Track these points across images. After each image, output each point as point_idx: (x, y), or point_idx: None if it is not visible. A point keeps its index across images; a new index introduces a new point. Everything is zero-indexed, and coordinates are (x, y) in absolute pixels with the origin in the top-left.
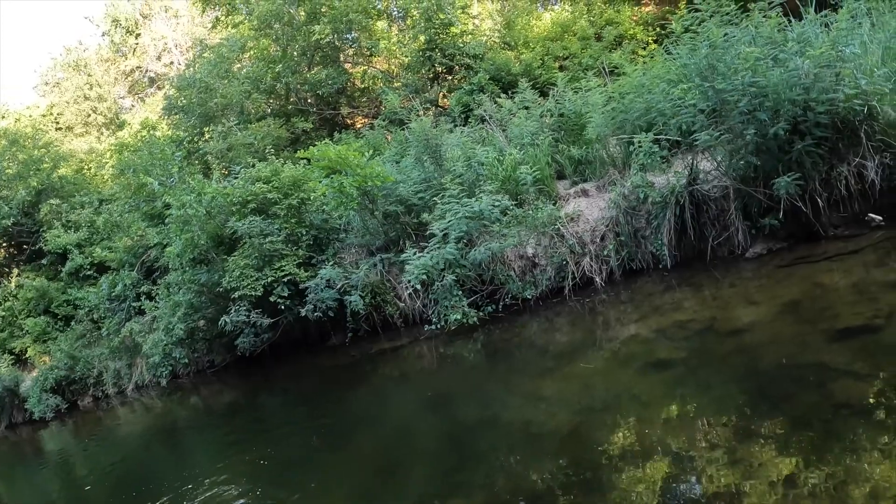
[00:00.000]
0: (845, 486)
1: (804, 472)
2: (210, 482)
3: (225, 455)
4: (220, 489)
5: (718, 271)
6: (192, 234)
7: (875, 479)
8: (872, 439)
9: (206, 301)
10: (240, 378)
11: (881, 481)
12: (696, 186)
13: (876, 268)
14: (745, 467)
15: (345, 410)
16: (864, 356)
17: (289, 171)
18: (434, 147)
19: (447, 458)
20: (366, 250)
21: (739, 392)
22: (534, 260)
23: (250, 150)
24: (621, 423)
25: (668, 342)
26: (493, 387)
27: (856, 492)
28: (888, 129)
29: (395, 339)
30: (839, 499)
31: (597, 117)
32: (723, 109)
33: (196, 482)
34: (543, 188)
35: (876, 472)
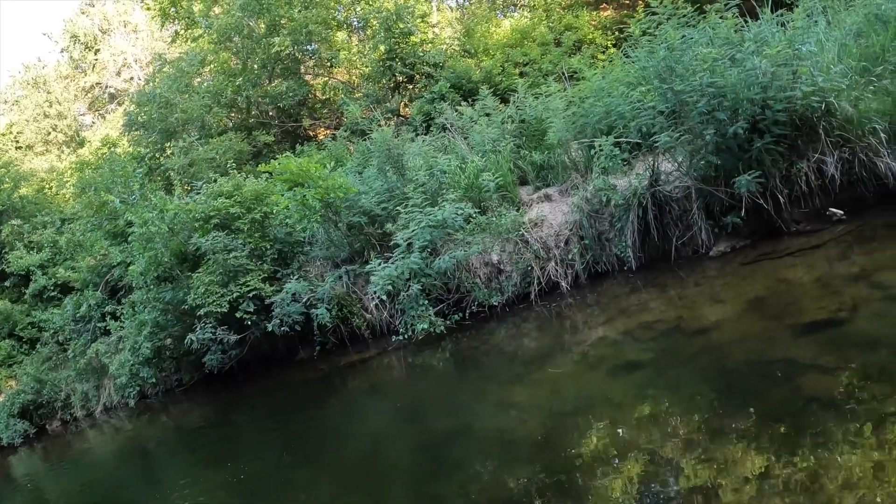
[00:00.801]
0: (818, 478)
1: (777, 467)
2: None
3: (197, 475)
4: None
5: (683, 271)
6: (156, 251)
7: (847, 470)
8: (843, 431)
9: (171, 319)
10: (209, 396)
11: (854, 472)
12: (657, 188)
13: (839, 262)
14: (719, 464)
15: (316, 425)
16: (830, 349)
17: (251, 186)
18: (396, 157)
19: (421, 469)
20: (331, 263)
21: (709, 390)
22: (499, 266)
23: (212, 165)
24: (593, 426)
25: (636, 343)
26: (464, 395)
27: (829, 484)
28: (846, 124)
29: (363, 350)
30: (813, 491)
31: (557, 122)
32: (682, 110)
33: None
34: (506, 194)
35: (848, 464)
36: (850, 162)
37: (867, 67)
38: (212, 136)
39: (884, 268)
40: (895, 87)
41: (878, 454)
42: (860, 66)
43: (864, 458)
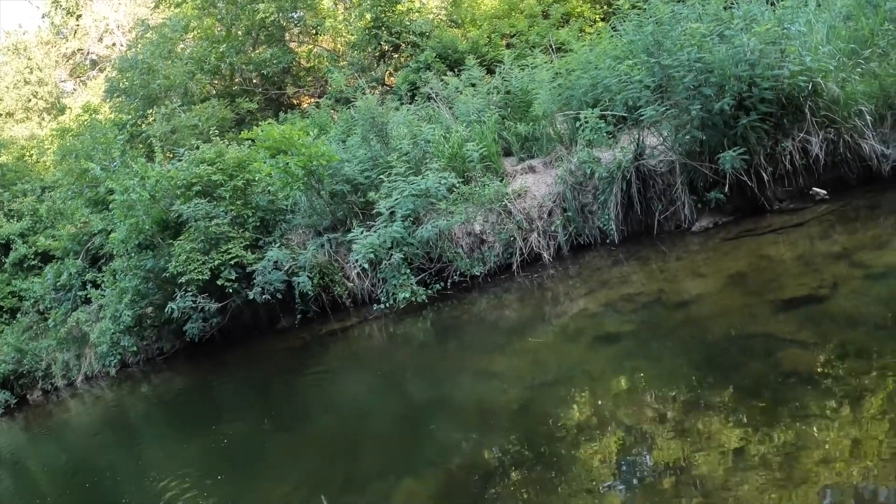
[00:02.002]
0: (796, 453)
1: (755, 441)
2: (163, 471)
3: (178, 442)
4: (173, 478)
5: (665, 245)
6: (137, 219)
7: (824, 446)
8: (820, 406)
9: (152, 287)
10: (190, 364)
11: (831, 448)
12: (642, 161)
13: (820, 240)
14: (697, 437)
15: (297, 393)
16: (810, 325)
17: (233, 153)
18: (380, 125)
19: (401, 438)
20: (313, 231)
21: (689, 363)
22: (481, 237)
23: (194, 132)
24: (573, 398)
25: (617, 315)
26: (444, 364)
27: (806, 459)
28: (832, 105)
29: (344, 319)
30: (789, 466)
31: (543, 94)
32: (668, 85)
33: (149, 472)
34: (490, 165)
35: (825, 439)
36: (835, 143)
37: (855, 50)
38: (194, 103)
39: (865, 247)
40: (883, 71)
41: (854, 431)
42: (848, 48)
43: (840, 434)
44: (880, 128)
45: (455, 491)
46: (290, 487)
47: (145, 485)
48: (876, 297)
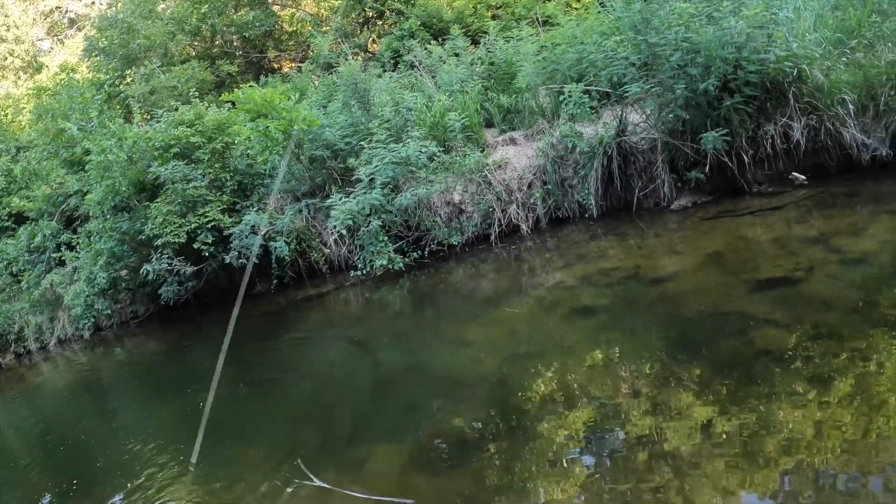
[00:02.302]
0: (763, 434)
1: (724, 420)
2: (137, 435)
3: (152, 406)
4: (147, 441)
5: (644, 222)
6: (113, 180)
7: (791, 428)
8: (791, 387)
9: (128, 250)
10: (164, 329)
11: (796, 431)
12: (624, 138)
13: (797, 224)
14: (667, 413)
15: (271, 358)
16: (784, 307)
17: (213, 115)
18: (362, 92)
19: (375, 404)
20: (291, 196)
21: (662, 338)
22: (460, 206)
23: (174, 94)
24: (547, 370)
25: (593, 289)
26: (420, 332)
27: (772, 441)
28: (816, 92)
29: (320, 285)
30: (756, 447)
31: (528, 66)
32: (654, 63)
33: (123, 435)
34: (471, 135)
35: (792, 421)
36: (817, 129)
37: (842, 39)
38: (174, 64)
39: (841, 233)
40: (868, 62)
41: (820, 414)
42: (835, 37)
43: (806, 417)
44: (862, 118)
45: (428, 458)
46: (265, 451)
47: (119, 448)
48: (850, 281)
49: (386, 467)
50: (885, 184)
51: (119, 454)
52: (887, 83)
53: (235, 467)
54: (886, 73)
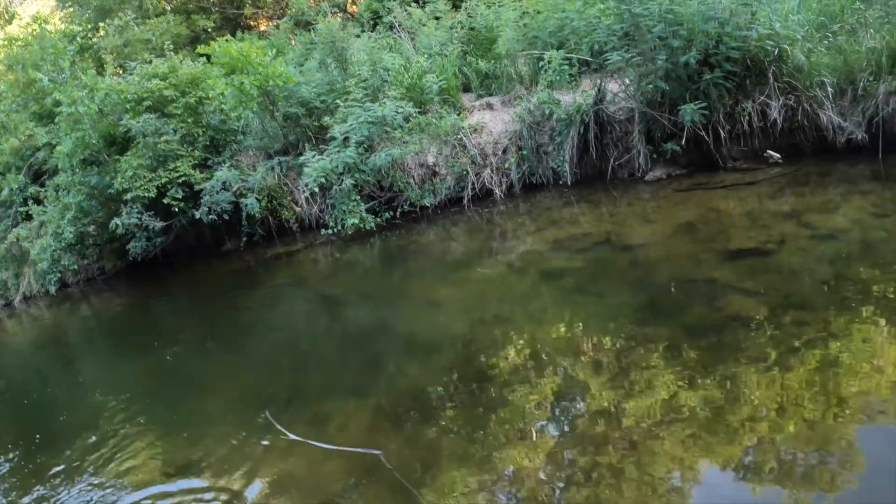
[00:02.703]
0: (727, 407)
1: (689, 389)
2: (103, 389)
3: (118, 362)
4: (114, 395)
5: (617, 191)
6: (84, 132)
7: (754, 402)
8: (757, 355)
9: (96, 204)
10: (131, 285)
11: (759, 405)
12: (602, 107)
13: (770, 199)
14: (635, 378)
15: (239, 315)
16: (754, 276)
17: (187, 69)
18: (340, 50)
19: (341, 361)
20: (264, 153)
21: (633, 302)
22: (434, 168)
23: (148, 47)
24: (515, 332)
25: (565, 253)
26: (389, 292)
27: (734, 416)
28: (796, 73)
29: (290, 243)
30: (720, 417)
31: (508, 32)
32: (637, 33)
33: (89, 390)
34: (448, 98)
35: (756, 393)
36: (794, 110)
37: (825, 23)
38: (149, 17)
39: (813, 210)
40: (849, 47)
41: (784, 387)
42: (818, 20)
43: (770, 389)
44: (840, 101)
45: (394, 414)
46: (232, 404)
47: (85, 402)
48: (820, 255)
49: (352, 422)
50: (857, 167)
51: (84, 409)
52: (867, 69)
53: (202, 421)
54: (867, 59)
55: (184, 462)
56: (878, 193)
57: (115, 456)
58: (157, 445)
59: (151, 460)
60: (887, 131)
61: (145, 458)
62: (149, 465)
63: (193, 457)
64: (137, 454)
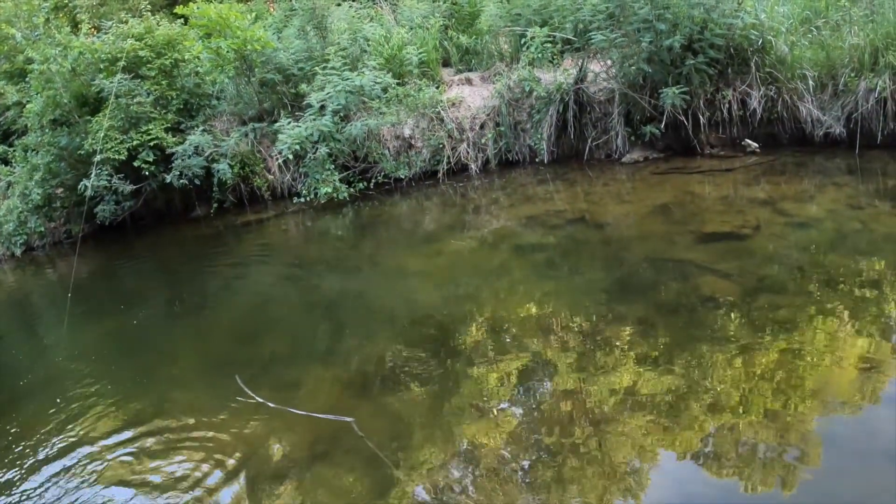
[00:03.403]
0: (690, 394)
1: (656, 372)
2: (68, 352)
3: (84, 325)
4: (78, 358)
5: (593, 171)
6: (55, 91)
7: (719, 388)
8: (727, 336)
9: (65, 166)
10: (99, 249)
11: (723, 392)
12: (582, 86)
13: (746, 186)
14: (603, 357)
15: (206, 282)
16: (729, 258)
17: (164, 30)
18: (320, 17)
19: (310, 329)
20: (238, 119)
21: (606, 277)
22: (410, 141)
23: (124, 7)
24: (486, 306)
25: (539, 229)
26: (359, 262)
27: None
28: (778, 64)
29: (261, 211)
30: (679, 408)
31: (492, 8)
32: (622, 14)
33: (53, 353)
34: (428, 71)
35: (722, 377)
36: (774, 100)
37: (809, 17)
38: None
39: (788, 198)
40: (832, 42)
41: (749, 371)
42: (803, 14)
43: (738, 371)
44: (820, 94)
45: (363, 382)
46: (200, 370)
47: (47, 367)
48: (795, 242)
49: (321, 388)
50: (834, 160)
51: (47, 373)
52: (848, 65)
53: (169, 386)
54: (849, 55)
55: (150, 428)
56: (853, 186)
57: (77, 420)
58: (122, 409)
59: (114, 424)
60: (865, 127)
61: (108, 422)
62: (112, 429)
63: (160, 423)
64: (100, 419)
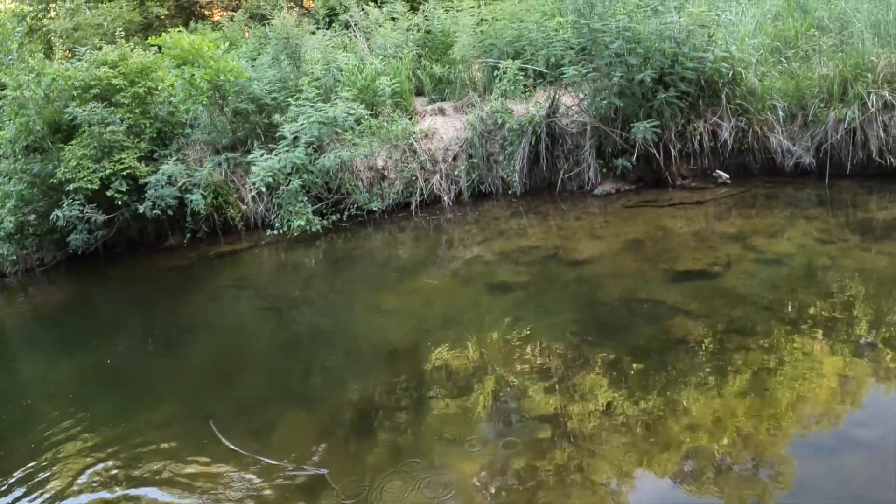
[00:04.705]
0: (666, 418)
1: (631, 402)
2: (37, 389)
3: (54, 359)
4: (48, 396)
5: (566, 204)
6: (28, 118)
7: (694, 414)
8: (698, 375)
9: (38, 194)
10: (71, 278)
11: (699, 417)
12: (554, 119)
13: (717, 220)
14: (576, 393)
15: (180, 315)
16: (700, 298)
17: (137, 58)
18: (294, 47)
19: (284, 368)
20: (211, 148)
21: (578, 319)
22: (383, 173)
23: (98, 32)
24: (459, 343)
25: (512, 266)
26: (333, 297)
27: (674, 425)
28: (748, 95)
29: (234, 242)
30: (658, 429)
31: (465, 38)
32: (594, 48)
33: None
34: (401, 102)
35: (695, 408)
36: (745, 131)
37: (779, 48)
38: (102, 1)
39: (759, 233)
40: (801, 73)
41: (722, 404)
42: (773, 45)
43: (709, 405)
44: (790, 125)
45: (338, 426)
46: (175, 413)
47: (16, 404)
48: (765, 279)
49: (295, 433)
50: (804, 191)
51: (16, 411)
52: (818, 95)
53: (142, 426)
54: (818, 86)
55: (124, 476)
56: (823, 219)
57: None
58: (95, 456)
59: (89, 473)
60: (835, 157)
61: (82, 470)
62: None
63: (134, 471)
64: (73, 468)
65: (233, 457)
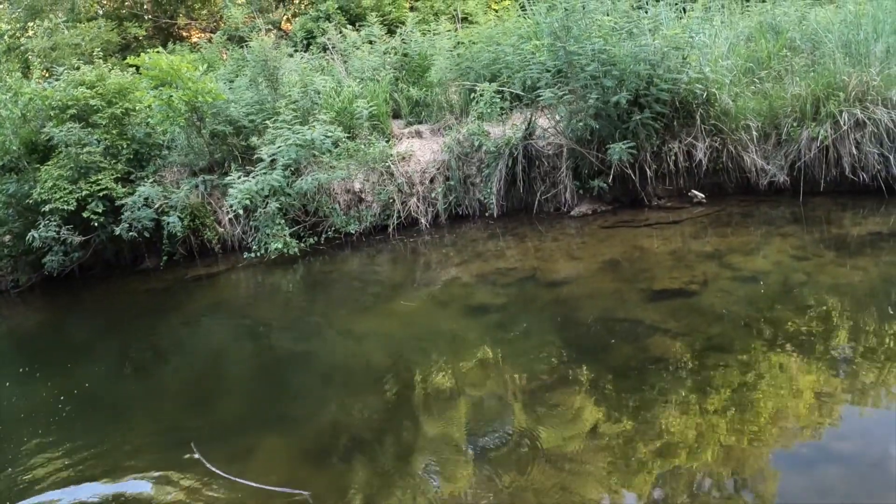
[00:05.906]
0: (644, 438)
1: (609, 423)
2: (9, 413)
3: (28, 383)
4: (19, 423)
5: (543, 225)
6: (4, 137)
7: (672, 434)
8: (677, 394)
9: (13, 214)
10: (46, 300)
11: (677, 436)
12: (531, 141)
13: (693, 239)
14: (555, 413)
15: (156, 338)
16: (678, 317)
17: (115, 79)
18: (272, 69)
19: (262, 392)
20: (188, 170)
21: (557, 340)
22: (360, 195)
23: (76, 52)
24: (437, 366)
25: (489, 287)
26: (311, 320)
27: (651, 445)
28: (723, 116)
29: (211, 265)
30: (636, 449)
31: (441, 61)
32: (570, 71)
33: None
34: (378, 125)
35: (674, 427)
36: (720, 151)
37: (752, 69)
38: (80, 20)
39: (735, 251)
40: (774, 93)
41: (700, 421)
42: (746, 66)
43: (687, 423)
44: (763, 144)
45: (317, 449)
46: (152, 436)
47: None
48: (742, 297)
49: (275, 457)
50: (779, 209)
51: None
52: (791, 114)
53: (121, 454)
54: (791, 105)
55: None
56: (798, 236)
57: (24, 492)
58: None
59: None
60: (808, 175)
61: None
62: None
63: (110, 494)
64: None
65: (214, 479)
